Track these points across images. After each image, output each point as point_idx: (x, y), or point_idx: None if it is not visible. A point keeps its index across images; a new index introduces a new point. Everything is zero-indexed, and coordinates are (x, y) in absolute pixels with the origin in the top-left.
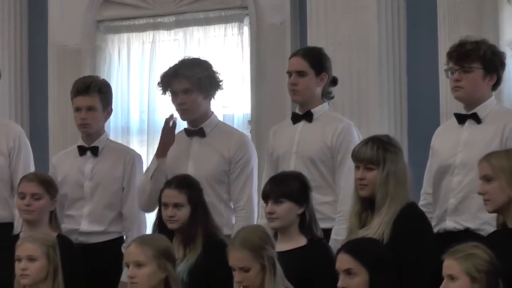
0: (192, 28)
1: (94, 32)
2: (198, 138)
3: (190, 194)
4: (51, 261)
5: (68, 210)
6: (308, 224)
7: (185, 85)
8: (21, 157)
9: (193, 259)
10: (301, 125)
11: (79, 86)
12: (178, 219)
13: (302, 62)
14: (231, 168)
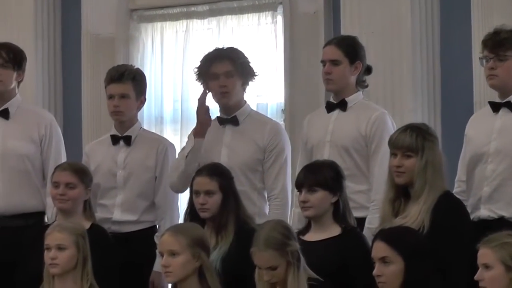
0: (226, 17)
1: (128, 21)
2: (231, 126)
3: (221, 181)
4: (80, 250)
5: (101, 199)
6: (342, 213)
7: (228, 67)
8: (53, 145)
9: (226, 247)
10: (335, 114)
11: (113, 74)
12: (210, 207)
13: (336, 51)
14: (265, 157)
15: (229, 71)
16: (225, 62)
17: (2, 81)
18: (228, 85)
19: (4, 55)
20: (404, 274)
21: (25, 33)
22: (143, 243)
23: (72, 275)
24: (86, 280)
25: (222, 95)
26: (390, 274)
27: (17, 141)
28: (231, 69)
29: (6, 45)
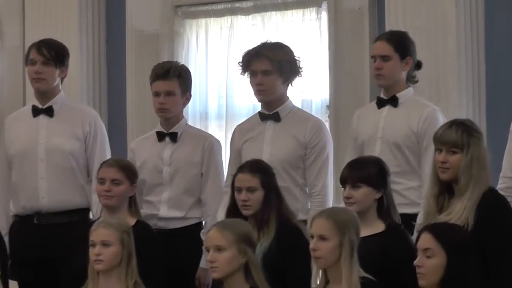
0: (270, 13)
1: (172, 17)
2: (272, 122)
3: (263, 178)
4: (125, 246)
5: (147, 196)
6: (386, 209)
7: (265, 66)
8: (97, 142)
9: (267, 244)
10: (386, 109)
11: (158, 71)
12: (252, 204)
13: (387, 46)
14: (306, 153)
15: (266, 70)
16: (263, 60)
17: (45, 79)
18: (265, 83)
19: (46, 53)
20: (445, 270)
21: (70, 29)
22: (189, 240)
23: (117, 272)
24: (131, 276)
25: (259, 93)
26: (430, 267)
27: (61, 138)
28: (268, 68)
29: (48, 42)
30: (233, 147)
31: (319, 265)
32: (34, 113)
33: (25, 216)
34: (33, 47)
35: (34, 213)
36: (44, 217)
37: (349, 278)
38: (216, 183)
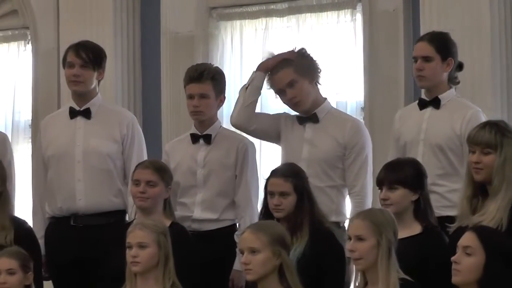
0: (305, 15)
1: (207, 19)
2: (311, 124)
3: (295, 182)
4: (162, 248)
5: (181, 198)
6: (423, 211)
7: (290, 77)
8: (135, 144)
9: (301, 249)
10: (428, 111)
11: (192, 74)
12: (284, 208)
13: (428, 47)
14: (346, 154)
15: (291, 81)
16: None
17: (83, 82)
18: (296, 96)
19: (84, 56)
20: (482, 271)
21: (104, 31)
22: (223, 242)
23: (154, 273)
24: (168, 278)
25: (296, 105)
26: (468, 264)
27: (99, 140)
28: (293, 77)
29: (86, 44)
30: None
31: (358, 266)
32: (71, 115)
33: (61, 217)
34: (71, 50)
35: (71, 214)
36: (81, 219)
37: (386, 279)
38: (250, 185)
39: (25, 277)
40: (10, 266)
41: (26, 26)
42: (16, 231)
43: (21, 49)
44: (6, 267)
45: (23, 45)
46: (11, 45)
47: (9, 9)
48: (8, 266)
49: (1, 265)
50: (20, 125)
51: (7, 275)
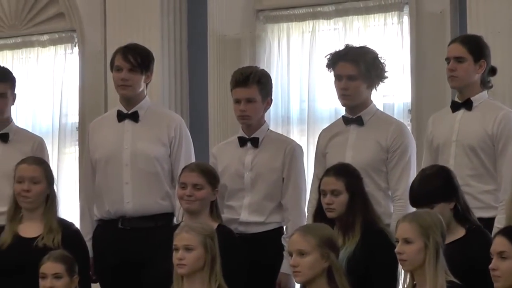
0: (352, 17)
1: (254, 21)
2: (356, 126)
3: (347, 181)
4: (208, 251)
5: (228, 201)
6: (463, 214)
7: (351, 71)
8: (182, 147)
9: (352, 248)
10: (460, 113)
11: (238, 77)
12: (336, 207)
13: (461, 48)
14: (388, 157)
15: (353, 75)
16: (350, 65)
17: (131, 86)
18: (350, 88)
19: (132, 60)
20: None
21: (151, 34)
22: (269, 244)
23: (200, 276)
24: (215, 280)
25: (343, 97)
26: (506, 269)
27: (146, 143)
28: (354, 73)
29: (133, 47)
30: (318, 151)
31: (405, 268)
32: (119, 118)
33: (109, 220)
34: (119, 53)
35: (119, 217)
36: (129, 222)
37: (434, 281)
38: (297, 188)
39: (71, 281)
40: (57, 270)
41: (73, 29)
42: (64, 233)
43: (68, 52)
44: (53, 272)
45: (70, 48)
46: (58, 48)
47: (55, 12)
48: (54, 271)
49: (47, 269)
50: (67, 128)
51: (54, 279)
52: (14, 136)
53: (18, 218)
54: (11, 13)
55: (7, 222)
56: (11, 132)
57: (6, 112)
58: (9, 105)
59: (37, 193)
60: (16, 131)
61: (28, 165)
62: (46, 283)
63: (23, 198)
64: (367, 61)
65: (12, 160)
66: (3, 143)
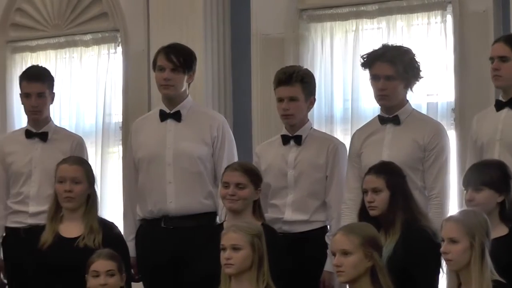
0: (395, 16)
1: (297, 21)
2: (392, 125)
3: (388, 179)
4: (256, 250)
5: (272, 199)
6: (509, 212)
7: (389, 72)
8: (225, 146)
9: (392, 246)
10: (504, 112)
11: (281, 77)
12: (378, 205)
13: (505, 48)
14: (425, 156)
15: (389, 76)
16: (387, 66)
17: (174, 86)
18: (387, 88)
19: (175, 60)
20: None
21: (194, 33)
22: (313, 243)
23: (248, 275)
24: (262, 280)
25: (381, 97)
26: None
27: (189, 143)
28: (391, 73)
29: (176, 47)
30: (352, 151)
31: (451, 267)
32: (162, 118)
33: (152, 220)
34: (161, 53)
35: (162, 216)
36: (172, 221)
37: (479, 280)
38: (341, 186)
39: (121, 279)
40: (110, 267)
41: (116, 29)
42: (105, 234)
43: (111, 52)
44: (106, 269)
45: (113, 47)
46: (102, 47)
47: (99, 12)
48: (107, 268)
49: (100, 267)
50: (111, 127)
51: (107, 277)
52: (53, 135)
53: (58, 218)
54: (54, 13)
55: (47, 222)
56: (51, 131)
57: (44, 111)
58: (48, 104)
59: (79, 193)
60: (56, 130)
61: (69, 165)
62: (100, 281)
63: (65, 198)
64: (404, 62)
65: (51, 159)
66: (43, 142)
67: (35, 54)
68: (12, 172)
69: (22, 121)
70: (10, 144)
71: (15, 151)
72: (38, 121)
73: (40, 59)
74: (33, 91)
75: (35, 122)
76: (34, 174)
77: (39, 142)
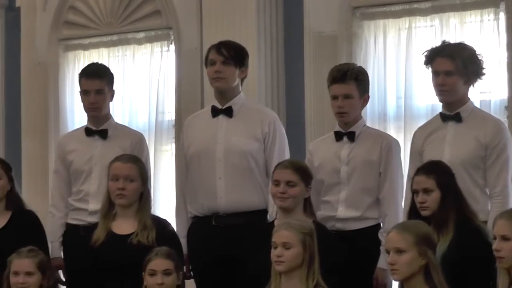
0: (448, 14)
1: (350, 18)
2: (453, 123)
3: (438, 178)
4: (307, 248)
5: (325, 196)
6: None
7: (448, 67)
8: (276, 143)
9: (445, 245)
10: None
11: (335, 74)
12: (429, 205)
13: None
14: (487, 154)
15: (450, 71)
16: (447, 61)
17: (225, 78)
18: (447, 84)
19: (225, 53)
20: None
21: (247, 31)
22: (366, 241)
23: (298, 273)
24: (312, 278)
25: (441, 93)
26: None
27: (240, 138)
28: (451, 69)
29: (227, 42)
30: (414, 150)
31: (502, 265)
32: (214, 113)
33: (203, 217)
34: (213, 48)
35: (212, 214)
36: (222, 219)
37: None
38: (394, 182)
39: (178, 277)
40: (167, 266)
41: (169, 27)
42: (158, 231)
43: (164, 50)
44: (163, 268)
45: (166, 45)
46: (154, 45)
47: (152, 10)
48: (164, 267)
49: (157, 266)
50: (164, 125)
51: (164, 276)
52: (113, 132)
53: (111, 216)
54: (107, 11)
55: (100, 219)
56: (110, 128)
57: (104, 108)
58: (107, 101)
59: (132, 191)
60: (116, 127)
61: (122, 163)
62: (157, 280)
63: (118, 196)
64: (464, 57)
65: (111, 156)
66: (103, 139)
67: (87, 52)
68: (73, 170)
69: (74, 118)
70: (71, 143)
71: (75, 149)
72: (98, 119)
73: (93, 57)
74: (91, 88)
75: (95, 120)
76: (94, 172)
77: (99, 139)
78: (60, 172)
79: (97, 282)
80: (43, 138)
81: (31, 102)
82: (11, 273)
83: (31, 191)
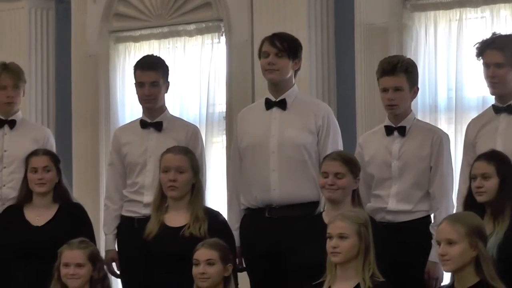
0: (499, 5)
1: (401, 10)
2: (506, 114)
3: (498, 166)
4: (362, 239)
5: (375, 190)
6: None
7: (498, 59)
8: (330, 135)
9: (501, 234)
10: None
11: (385, 66)
12: (486, 190)
13: None
14: None
15: (500, 63)
16: (497, 53)
17: (278, 70)
18: (497, 76)
19: (278, 45)
20: None
21: (298, 23)
22: (416, 233)
23: (354, 264)
24: (368, 269)
25: (492, 85)
26: None
27: (294, 131)
28: (501, 60)
29: (280, 34)
30: (467, 141)
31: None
32: (267, 106)
33: (256, 209)
34: (266, 40)
35: (265, 206)
36: (275, 211)
37: None
38: (445, 176)
39: (225, 269)
40: (210, 256)
41: (220, 18)
42: (210, 223)
43: (215, 42)
44: (206, 258)
45: (217, 37)
46: (205, 37)
47: (202, 2)
48: (207, 257)
49: (200, 256)
50: (215, 117)
51: (207, 266)
52: (168, 124)
53: (163, 208)
54: (157, 2)
55: (153, 212)
56: (165, 121)
57: (159, 100)
58: (162, 93)
59: (183, 182)
60: (171, 119)
61: (174, 155)
62: (199, 269)
63: (170, 188)
64: None
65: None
66: (157, 132)
67: (138, 44)
68: (128, 162)
69: (125, 111)
70: (126, 135)
71: (130, 142)
72: (153, 111)
73: (144, 49)
74: (146, 80)
75: (150, 112)
76: (149, 164)
77: (154, 132)
78: (115, 165)
79: (149, 275)
80: (94, 130)
81: (82, 95)
82: (61, 264)
83: (82, 185)
